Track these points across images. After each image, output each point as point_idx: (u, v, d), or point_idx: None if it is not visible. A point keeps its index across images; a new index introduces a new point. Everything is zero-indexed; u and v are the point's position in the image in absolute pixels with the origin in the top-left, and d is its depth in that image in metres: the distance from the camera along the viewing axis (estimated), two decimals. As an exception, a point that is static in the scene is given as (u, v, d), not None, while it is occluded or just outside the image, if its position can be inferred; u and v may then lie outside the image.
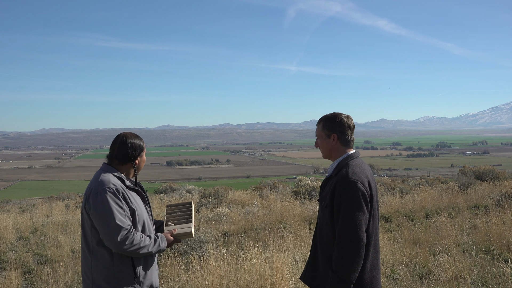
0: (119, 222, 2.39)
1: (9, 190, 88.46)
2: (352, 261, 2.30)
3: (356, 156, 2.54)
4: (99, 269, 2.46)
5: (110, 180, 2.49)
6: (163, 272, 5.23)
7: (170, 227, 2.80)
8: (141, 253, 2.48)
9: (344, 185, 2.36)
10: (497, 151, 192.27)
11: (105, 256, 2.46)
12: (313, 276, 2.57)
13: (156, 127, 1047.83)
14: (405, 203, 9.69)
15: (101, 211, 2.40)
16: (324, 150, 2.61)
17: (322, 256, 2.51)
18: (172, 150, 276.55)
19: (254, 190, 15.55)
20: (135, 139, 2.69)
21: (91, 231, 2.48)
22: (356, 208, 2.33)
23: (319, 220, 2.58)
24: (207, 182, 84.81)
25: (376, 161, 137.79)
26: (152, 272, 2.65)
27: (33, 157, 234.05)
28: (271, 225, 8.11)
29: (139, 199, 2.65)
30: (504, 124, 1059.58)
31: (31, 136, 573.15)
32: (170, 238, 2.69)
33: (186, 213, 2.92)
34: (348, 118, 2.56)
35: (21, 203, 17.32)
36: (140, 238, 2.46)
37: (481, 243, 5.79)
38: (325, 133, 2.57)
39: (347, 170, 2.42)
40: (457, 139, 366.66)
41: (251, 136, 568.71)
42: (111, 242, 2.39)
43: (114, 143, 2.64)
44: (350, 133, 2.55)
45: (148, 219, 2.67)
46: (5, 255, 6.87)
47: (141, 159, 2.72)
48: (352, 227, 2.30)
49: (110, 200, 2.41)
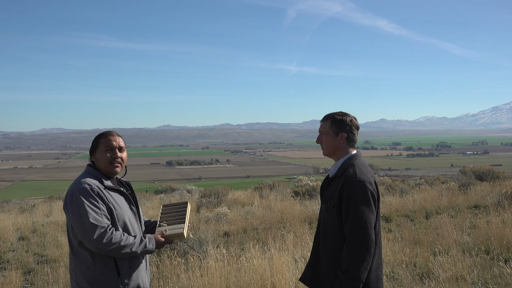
0: (94, 220, 2.34)
1: (9, 190, 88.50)
2: (363, 260, 2.30)
3: (359, 156, 2.54)
4: (81, 271, 2.43)
5: (86, 180, 2.46)
6: (163, 272, 5.23)
7: (162, 228, 2.69)
8: (123, 252, 2.40)
9: (353, 185, 2.36)
10: (497, 151, 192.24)
11: (86, 257, 2.42)
12: (315, 277, 2.55)
13: (156, 127, 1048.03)
14: (405, 203, 9.69)
15: (76, 211, 2.37)
16: (328, 148, 2.57)
17: (326, 256, 2.48)
18: (172, 150, 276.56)
19: (254, 190, 15.55)
20: (98, 135, 2.63)
21: (72, 233, 2.46)
22: (366, 208, 2.34)
23: (322, 220, 2.55)
24: (207, 182, 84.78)
25: (376, 161, 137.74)
26: (138, 273, 2.54)
27: (33, 157, 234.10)
28: (271, 225, 8.11)
29: (122, 199, 2.58)
30: (504, 124, 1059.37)
31: (31, 136, 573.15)
32: (160, 240, 2.59)
33: (181, 213, 2.82)
34: (355, 119, 2.58)
35: (21, 203, 17.32)
36: (120, 237, 2.39)
37: (481, 243, 5.79)
38: (333, 131, 2.54)
39: (354, 170, 2.42)
40: (457, 139, 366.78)
41: (251, 136, 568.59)
42: (88, 241, 2.36)
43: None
44: (357, 134, 2.57)
45: (133, 220, 2.59)
46: (5, 255, 6.87)
47: (97, 154, 2.57)
48: (363, 227, 2.31)
49: (84, 199, 2.38)
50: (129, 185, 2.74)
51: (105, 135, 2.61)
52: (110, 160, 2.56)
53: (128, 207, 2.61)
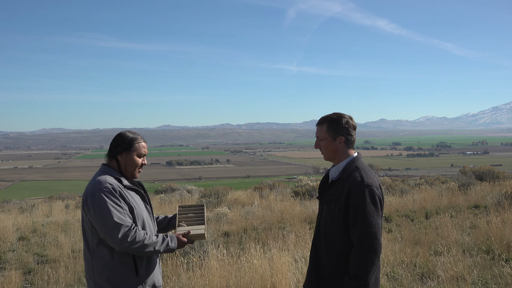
0: (118, 220, 2.37)
1: (9, 190, 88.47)
2: (373, 265, 2.28)
3: (361, 158, 2.51)
4: (100, 270, 2.45)
5: (107, 180, 2.48)
6: (164, 272, 5.23)
7: (182, 228, 2.76)
8: (146, 251, 2.44)
9: (362, 190, 2.32)
10: (497, 151, 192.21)
11: (105, 256, 2.45)
12: (319, 283, 2.47)
13: (156, 127, 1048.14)
14: (405, 203, 9.69)
15: (99, 211, 2.39)
16: (328, 152, 2.53)
17: (329, 261, 2.43)
18: (172, 150, 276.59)
19: (254, 190, 15.55)
20: (125, 135, 2.62)
21: (91, 232, 2.48)
22: (375, 213, 2.31)
23: (324, 223, 2.48)
24: (207, 182, 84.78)
25: (376, 161, 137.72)
26: (154, 271, 2.61)
27: (33, 157, 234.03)
28: (271, 225, 8.11)
29: (138, 198, 2.64)
30: (504, 124, 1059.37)
31: (31, 136, 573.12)
32: (183, 240, 2.62)
33: (199, 215, 2.92)
34: (351, 119, 2.53)
35: (21, 203, 17.30)
36: (144, 236, 2.43)
37: (481, 243, 5.79)
38: (330, 135, 2.49)
39: (361, 174, 2.38)
40: (457, 139, 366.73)
41: (251, 136, 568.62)
42: (112, 240, 2.38)
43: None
44: (354, 134, 2.53)
45: (148, 218, 2.65)
46: (5, 255, 6.87)
47: (127, 157, 2.59)
48: (373, 232, 2.28)
49: (107, 199, 2.41)
50: (141, 185, 2.77)
51: (140, 141, 2.64)
52: (139, 166, 2.63)
53: (144, 206, 2.66)
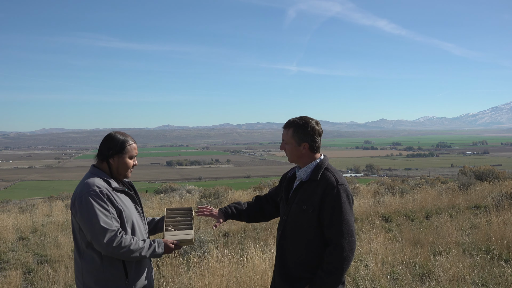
0: (104, 224, 2.36)
1: (9, 190, 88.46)
2: (349, 262, 2.39)
3: (328, 161, 2.59)
4: (89, 272, 2.44)
5: (95, 182, 2.47)
6: (164, 272, 5.23)
7: (170, 233, 2.73)
8: (132, 256, 2.43)
9: (338, 190, 2.43)
10: (497, 151, 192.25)
11: (95, 259, 2.44)
12: (288, 281, 2.51)
13: (156, 127, 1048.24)
14: (405, 203, 9.70)
15: (86, 214, 2.39)
16: (292, 156, 2.61)
17: (296, 259, 2.49)
18: (172, 150, 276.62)
19: (254, 190, 15.56)
20: (116, 138, 2.58)
21: (79, 234, 2.47)
22: (349, 211, 2.43)
23: (294, 224, 2.51)
24: (207, 182, 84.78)
25: (376, 161, 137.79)
26: (145, 274, 2.60)
27: (33, 157, 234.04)
28: (271, 225, 8.11)
29: (128, 200, 2.61)
30: (504, 124, 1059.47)
31: (31, 136, 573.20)
32: (170, 246, 2.61)
33: (187, 218, 2.87)
34: (317, 124, 2.57)
35: (21, 203, 17.31)
36: (130, 241, 2.42)
37: (482, 243, 5.79)
38: (295, 141, 2.56)
39: (333, 175, 2.48)
40: (457, 139, 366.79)
41: (251, 136, 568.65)
42: (98, 244, 2.38)
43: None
44: (319, 140, 2.59)
45: (139, 220, 2.64)
46: (5, 255, 6.87)
47: (119, 160, 2.57)
48: (349, 230, 2.39)
49: (94, 203, 2.39)
50: (132, 186, 2.76)
51: (131, 142, 2.62)
52: (131, 168, 2.63)
53: (134, 208, 2.65)
